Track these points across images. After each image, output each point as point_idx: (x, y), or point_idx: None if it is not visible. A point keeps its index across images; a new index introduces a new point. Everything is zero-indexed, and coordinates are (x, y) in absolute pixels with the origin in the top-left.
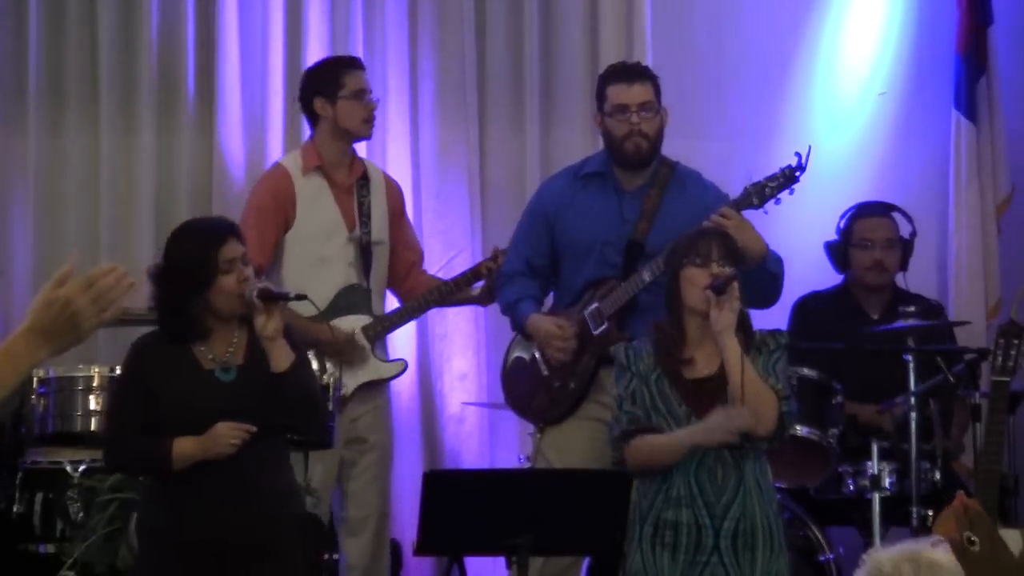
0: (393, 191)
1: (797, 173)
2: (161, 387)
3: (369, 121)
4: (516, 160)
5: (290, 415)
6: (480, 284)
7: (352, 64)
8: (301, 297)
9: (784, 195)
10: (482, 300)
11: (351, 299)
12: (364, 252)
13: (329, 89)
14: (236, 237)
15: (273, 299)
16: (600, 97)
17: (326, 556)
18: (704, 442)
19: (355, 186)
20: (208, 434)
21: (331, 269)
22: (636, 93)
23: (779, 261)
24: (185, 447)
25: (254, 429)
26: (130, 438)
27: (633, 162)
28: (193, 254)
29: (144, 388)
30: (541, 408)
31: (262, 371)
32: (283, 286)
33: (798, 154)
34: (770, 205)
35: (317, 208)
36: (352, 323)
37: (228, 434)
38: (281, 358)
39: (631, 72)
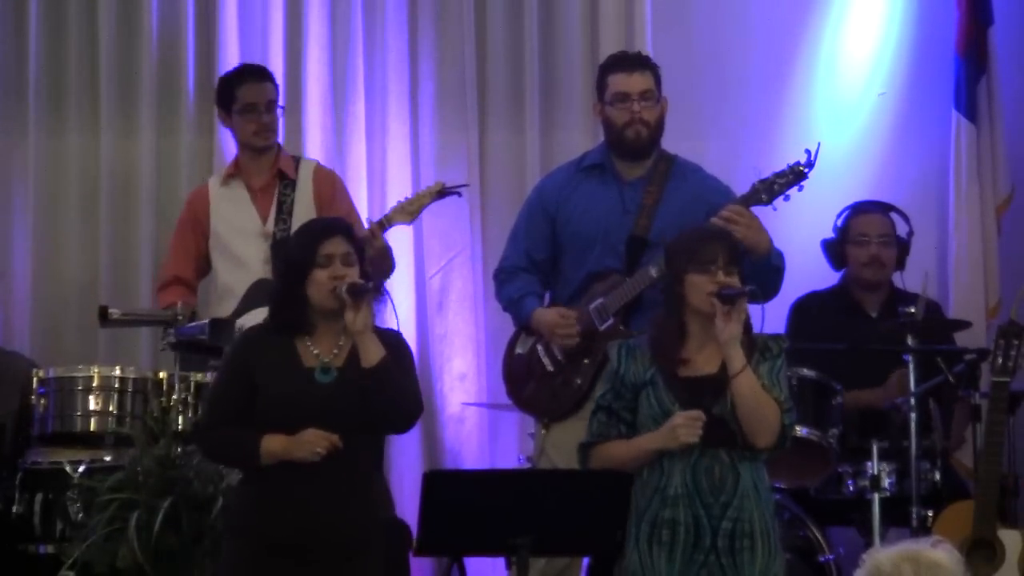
0: (321, 182)
1: (806, 170)
2: (261, 378)
3: (260, 134)
4: (516, 161)
5: (380, 409)
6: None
7: (248, 77)
8: (379, 287)
9: (793, 191)
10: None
11: (260, 293)
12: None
13: (225, 103)
14: (345, 236)
15: (361, 293)
16: (600, 86)
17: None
18: (667, 446)
19: (277, 186)
20: (296, 437)
21: (246, 266)
22: (636, 81)
23: (780, 255)
24: (273, 445)
25: (340, 444)
26: (222, 428)
27: (633, 150)
28: (298, 245)
29: (245, 376)
30: (544, 404)
31: (360, 378)
32: (219, 288)
33: (808, 151)
34: (777, 202)
35: (232, 212)
36: (258, 316)
37: (314, 441)
38: (371, 353)
39: (632, 61)
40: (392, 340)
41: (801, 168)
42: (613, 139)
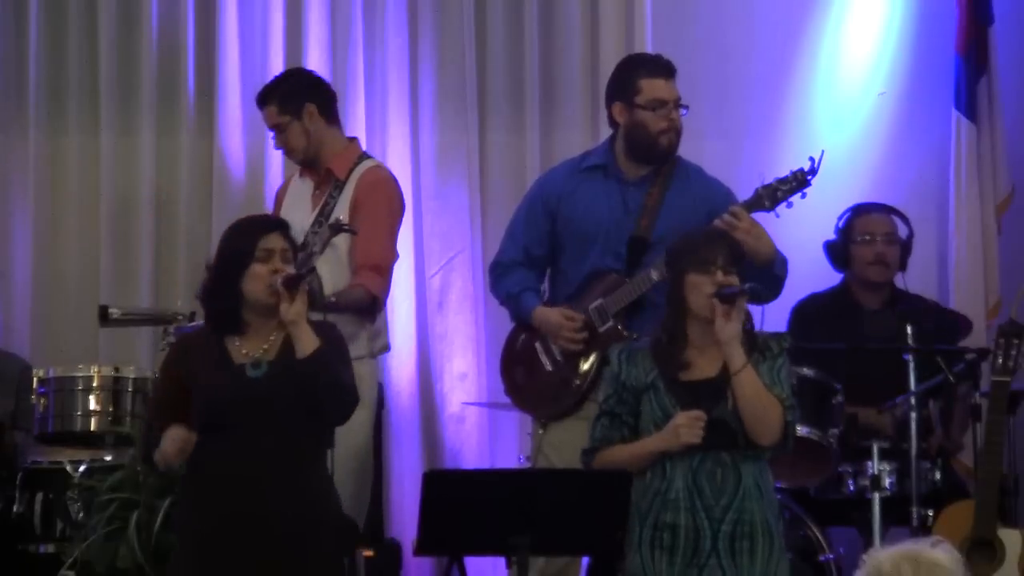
0: (361, 185)
1: (809, 177)
2: (194, 377)
3: (288, 156)
4: (516, 161)
5: (317, 401)
6: None
7: (259, 103)
8: (311, 270)
9: (796, 198)
10: None
11: None
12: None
13: None
14: (283, 233)
15: (296, 282)
16: (626, 88)
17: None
18: (670, 447)
19: (330, 187)
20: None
21: None
22: (673, 89)
23: (784, 263)
24: (166, 447)
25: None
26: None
27: (662, 156)
28: (236, 240)
29: (179, 380)
30: (543, 404)
31: (293, 370)
32: None
33: (811, 158)
34: (779, 208)
35: (293, 206)
36: None
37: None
38: (305, 343)
39: (668, 67)
40: (326, 332)
41: (804, 175)
42: (641, 142)
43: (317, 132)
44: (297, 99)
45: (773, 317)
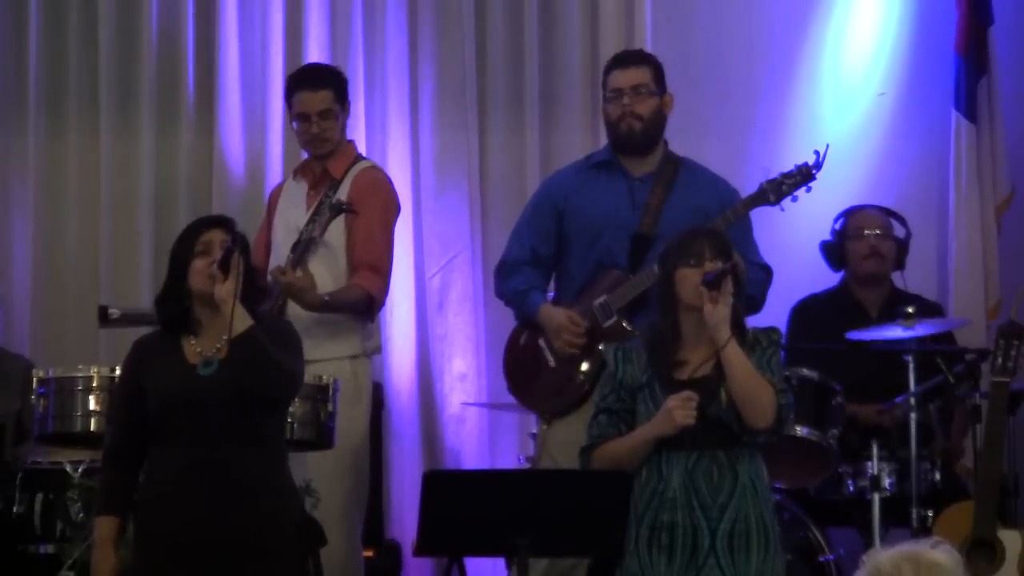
0: (357, 185)
1: (814, 171)
2: (148, 380)
3: (311, 143)
4: (516, 161)
5: (251, 380)
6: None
7: (303, 85)
8: (245, 244)
9: (801, 192)
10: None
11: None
12: (296, 248)
13: (288, 106)
14: (223, 227)
15: (226, 258)
16: (603, 86)
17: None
18: (664, 431)
19: (325, 187)
20: None
21: (281, 263)
22: (629, 76)
23: (760, 283)
24: (107, 529)
25: None
26: (108, 471)
27: (627, 144)
28: (180, 242)
29: (135, 385)
30: (547, 399)
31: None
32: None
33: (816, 151)
34: (784, 203)
35: (288, 207)
36: None
37: None
38: (237, 321)
39: (627, 57)
40: (277, 325)
41: (809, 169)
42: (611, 135)
43: (344, 130)
44: (346, 92)
45: (773, 317)
